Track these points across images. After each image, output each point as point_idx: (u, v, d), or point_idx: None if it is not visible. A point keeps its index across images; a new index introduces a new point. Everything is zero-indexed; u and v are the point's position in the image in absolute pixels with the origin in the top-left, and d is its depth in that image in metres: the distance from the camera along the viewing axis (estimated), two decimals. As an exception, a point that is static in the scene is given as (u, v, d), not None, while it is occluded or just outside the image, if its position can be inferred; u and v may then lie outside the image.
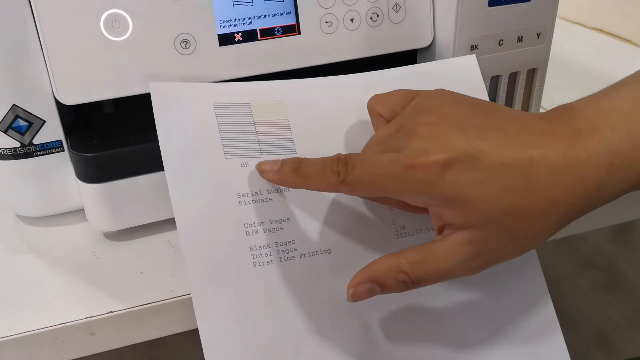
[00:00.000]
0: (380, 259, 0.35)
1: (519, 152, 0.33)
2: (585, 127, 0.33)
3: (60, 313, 0.41)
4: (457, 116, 0.35)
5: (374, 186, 0.34)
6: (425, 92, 0.39)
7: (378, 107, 0.41)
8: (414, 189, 0.33)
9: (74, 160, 0.45)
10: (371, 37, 0.49)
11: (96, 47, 0.42)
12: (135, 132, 0.46)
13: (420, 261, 0.34)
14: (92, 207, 0.46)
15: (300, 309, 0.39)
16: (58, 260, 0.45)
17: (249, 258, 0.39)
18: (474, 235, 0.33)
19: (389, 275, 0.34)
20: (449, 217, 0.34)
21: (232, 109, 0.42)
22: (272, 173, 0.38)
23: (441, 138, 0.34)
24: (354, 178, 0.34)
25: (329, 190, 0.37)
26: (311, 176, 0.36)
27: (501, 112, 0.36)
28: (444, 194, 0.33)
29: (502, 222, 0.33)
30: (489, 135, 0.34)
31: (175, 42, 0.44)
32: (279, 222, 0.40)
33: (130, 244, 0.47)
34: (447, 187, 0.33)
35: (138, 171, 0.45)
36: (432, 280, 0.35)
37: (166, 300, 0.41)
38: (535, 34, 0.51)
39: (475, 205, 0.33)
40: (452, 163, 0.33)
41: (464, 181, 0.32)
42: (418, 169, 0.33)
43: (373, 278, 0.35)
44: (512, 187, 0.32)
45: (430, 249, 0.34)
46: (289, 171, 0.37)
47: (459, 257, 0.34)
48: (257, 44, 0.46)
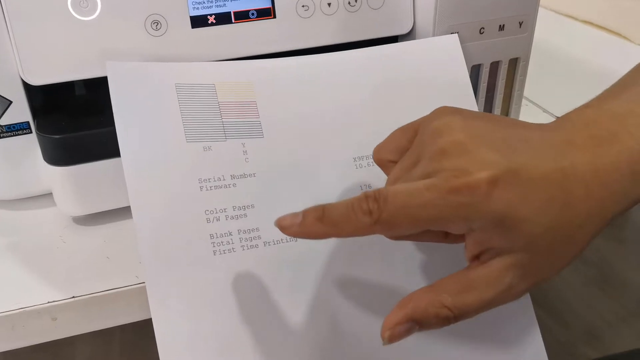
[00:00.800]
0: (417, 294, 0.32)
1: (551, 163, 0.31)
2: (604, 136, 0.32)
3: (21, 297, 0.40)
4: (479, 130, 0.32)
5: (413, 219, 0.30)
6: (425, 116, 0.35)
7: (384, 154, 0.38)
8: (460, 214, 0.30)
9: (40, 142, 0.44)
10: (349, 22, 0.48)
11: (63, 27, 0.41)
12: (105, 114, 0.45)
13: (461, 293, 0.31)
14: (60, 191, 0.45)
15: (263, 298, 0.38)
16: (23, 245, 0.45)
17: (209, 246, 0.38)
18: (518, 257, 0.31)
19: (429, 312, 0.31)
20: (496, 240, 0.31)
21: (196, 90, 0.41)
22: (295, 227, 0.32)
23: (476, 155, 0.31)
24: (390, 215, 0.30)
25: (363, 234, 0.32)
26: (340, 222, 0.31)
27: (511, 121, 0.34)
28: (493, 216, 0.30)
29: (545, 240, 0.31)
30: (519, 147, 0.31)
31: (146, 23, 0.42)
32: (243, 209, 0.39)
33: (100, 229, 0.46)
34: (496, 207, 0.30)
35: (107, 154, 0.44)
36: (476, 312, 0.32)
37: (130, 286, 0.40)
38: (517, 23, 0.50)
39: (523, 223, 0.30)
40: (497, 180, 0.30)
41: (511, 198, 0.30)
42: (462, 192, 0.30)
43: (412, 317, 0.31)
44: (552, 202, 0.30)
45: (471, 278, 0.32)
46: (314, 221, 0.32)
47: (504, 285, 0.31)
48: (230, 27, 0.45)
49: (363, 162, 0.42)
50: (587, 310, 1.46)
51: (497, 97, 0.54)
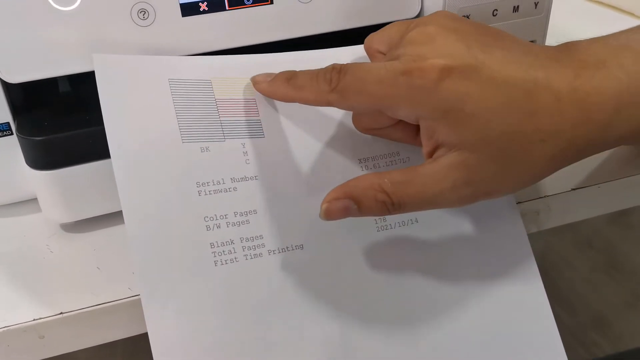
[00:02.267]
0: (361, 177, 0.33)
1: (523, 70, 0.30)
2: (592, 60, 0.31)
3: (6, 314, 0.37)
4: (459, 29, 0.32)
5: (365, 94, 0.32)
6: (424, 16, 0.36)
7: (375, 44, 0.38)
8: (408, 97, 0.31)
9: (22, 145, 0.40)
10: (352, 7, 0.44)
11: (42, 18, 0.37)
12: (92, 112, 0.41)
13: (404, 182, 0.32)
14: (46, 197, 0.42)
15: (267, 312, 0.35)
16: (7, 255, 0.41)
17: (209, 256, 0.35)
18: (465, 157, 0.31)
19: (368, 193, 0.32)
20: (442, 133, 0.31)
21: (191, 86, 0.37)
22: (265, 84, 0.36)
23: (441, 44, 0.31)
24: (345, 85, 0.32)
25: (320, 101, 0.34)
26: (304, 86, 0.34)
27: (505, 34, 0.34)
28: (440, 104, 0.30)
29: (496, 144, 0.30)
30: (493, 51, 0.31)
31: (132, 12, 0.39)
32: (245, 215, 0.36)
33: (89, 236, 0.43)
34: (444, 96, 0.30)
35: (96, 156, 0.41)
36: (415, 206, 0.32)
37: (123, 299, 0.37)
38: (532, 3, 0.47)
39: (471, 120, 0.30)
40: (451, 70, 0.30)
41: (463, 91, 0.30)
42: (413, 74, 0.30)
43: (350, 194, 0.32)
44: (512, 107, 0.30)
45: (417, 171, 0.32)
46: (282, 81, 0.35)
47: (448, 182, 0.31)
48: (224, 15, 0.41)
49: (369, 164, 0.39)
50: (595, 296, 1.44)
51: (511, 83, 0.51)
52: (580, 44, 0.33)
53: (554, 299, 0.40)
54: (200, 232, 0.35)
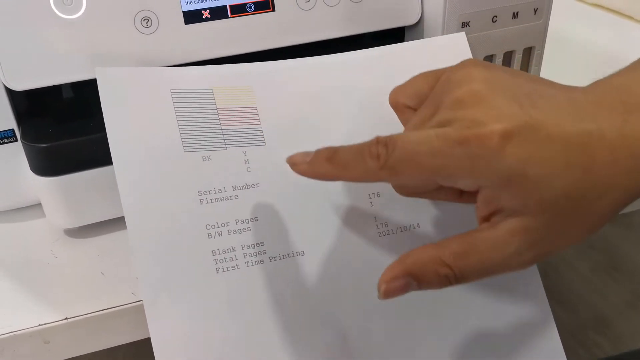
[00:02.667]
0: (419, 250, 0.31)
1: (576, 124, 0.29)
2: (635, 102, 0.29)
3: (11, 319, 0.37)
4: (503, 83, 0.30)
5: (419, 167, 0.29)
6: (451, 66, 0.33)
7: (401, 98, 0.36)
8: (468, 166, 0.28)
9: (26, 152, 0.41)
10: (353, 13, 0.45)
11: (46, 27, 0.38)
12: (96, 119, 0.42)
13: (465, 253, 0.30)
14: (50, 203, 0.42)
15: (269, 320, 0.35)
16: (12, 260, 0.42)
17: (211, 263, 0.35)
18: (528, 222, 0.29)
19: (429, 268, 0.30)
20: (506, 199, 0.29)
21: (193, 96, 0.38)
22: (305, 165, 0.33)
23: (494, 106, 0.29)
24: (396, 160, 0.29)
25: (369, 179, 0.31)
26: (348, 164, 0.31)
27: (540, 80, 0.32)
28: (503, 172, 0.28)
29: (559, 206, 0.29)
30: (542, 104, 0.29)
31: (135, 20, 0.39)
32: (246, 223, 0.36)
33: (93, 242, 0.43)
34: (507, 163, 0.28)
35: (99, 162, 0.41)
36: (478, 276, 0.30)
37: (127, 304, 0.38)
38: (532, 10, 0.47)
39: (535, 184, 0.28)
40: (511, 135, 0.28)
41: (525, 156, 0.28)
42: (472, 143, 0.28)
43: (410, 272, 0.30)
44: (572, 165, 0.28)
45: (477, 239, 0.30)
46: (324, 160, 0.32)
47: (511, 249, 0.29)
48: (227, 22, 0.42)
49: None
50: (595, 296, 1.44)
51: (511, 88, 0.51)
52: (618, 82, 0.31)
53: (554, 299, 0.40)
54: (202, 240, 0.35)
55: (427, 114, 0.32)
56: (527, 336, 0.39)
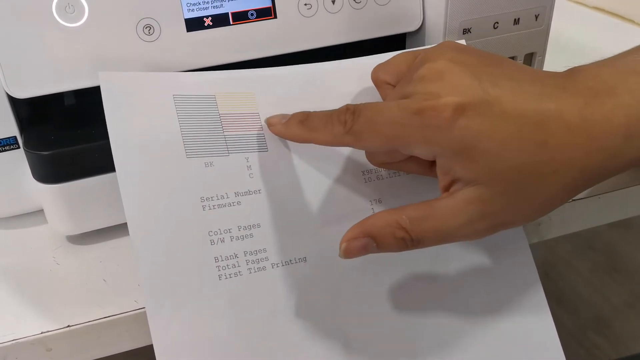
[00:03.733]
0: (378, 214, 0.33)
1: (534, 103, 0.30)
2: (600, 88, 0.31)
3: (14, 327, 0.37)
4: (467, 62, 0.32)
5: (379, 135, 0.32)
6: (430, 47, 0.36)
7: (382, 75, 0.38)
8: (422, 136, 0.31)
9: (29, 159, 0.41)
10: (355, 20, 0.45)
11: (49, 35, 0.38)
12: (98, 126, 0.42)
13: (422, 218, 0.31)
14: (52, 210, 0.42)
15: (271, 325, 0.35)
16: (14, 267, 0.42)
17: (214, 270, 0.35)
18: (481, 192, 0.31)
19: (386, 230, 0.32)
20: (458, 170, 0.31)
21: (195, 102, 0.38)
22: (280, 125, 0.37)
23: (452, 81, 0.31)
24: (360, 126, 0.32)
25: (335, 143, 0.34)
26: (318, 127, 0.34)
27: (511, 62, 0.34)
28: (455, 143, 0.30)
29: (511, 178, 0.30)
30: (503, 83, 0.31)
31: (138, 28, 0.40)
32: (248, 229, 0.36)
33: (94, 248, 0.43)
34: (459, 134, 0.30)
35: (101, 169, 0.41)
36: (433, 241, 0.32)
37: (129, 312, 0.38)
38: (533, 16, 0.48)
39: (485, 155, 0.30)
40: (464, 108, 0.30)
41: (477, 129, 0.30)
42: (427, 114, 0.30)
43: (369, 233, 0.32)
44: (525, 140, 0.30)
45: (434, 206, 0.32)
46: (296, 123, 0.35)
47: (465, 217, 0.31)
48: (228, 29, 0.42)
49: (372, 176, 0.39)
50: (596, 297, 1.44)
51: (512, 94, 0.51)
52: (589, 69, 0.33)
53: (554, 299, 0.41)
54: (204, 246, 0.35)
55: (400, 90, 0.34)
56: (526, 337, 0.39)
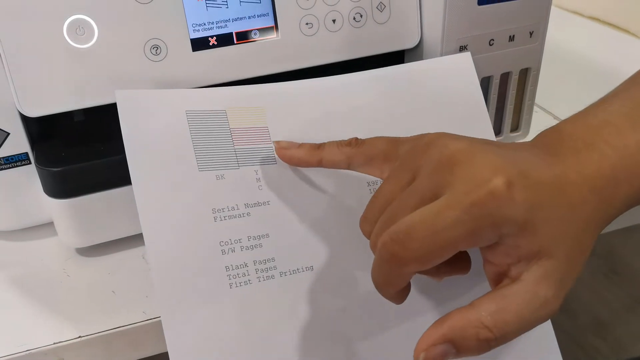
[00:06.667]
0: (454, 313, 0.30)
1: (547, 171, 0.30)
2: (580, 147, 0.32)
3: (27, 338, 0.39)
4: (474, 142, 0.31)
5: (445, 244, 0.29)
6: (412, 136, 0.35)
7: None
8: (488, 223, 0.28)
9: (40, 175, 0.42)
10: (354, 38, 0.46)
11: (60, 56, 0.39)
12: (106, 142, 0.43)
13: (500, 311, 0.29)
14: (62, 223, 0.44)
15: (279, 332, 0.37)
16: (26, 279, 0.43)
17: (225, 279, 0.36)
18: (546, 266, 0.29)
19: (469, 332, 0.29)
20: (523, 246, 0.29)
21: (207, 117, 0.39)
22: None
23: (483, 162, 0.30)
24: (416, 251, 0.29)
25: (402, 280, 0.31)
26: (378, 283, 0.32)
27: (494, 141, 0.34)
28: (520, 217, 0.29)
29: (564, 244, 0.30)
30: (514, 156, 0.31)
31: (145, 48, 0.41)
32: (258, 239, 0.38)
33: (103, 260, 0.45)
34: (521, 209, 0.29)
35: (109, 184, 0.43)
36: (515, 334, 0.29)
37: (138, 323, 0.39)
38: (527, 33, 0.49)
39: (544, 225, 0.29)
40: (512, 183, 0.29)
41: (529, 200, 0.29)
42: (485, 200, 0.28)
43: (449, 337, 0.29)
44: (560, 205, 0.30)
45: (507, 296, 0.29)
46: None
47: (539, 300, 0.29)
48: (233, 49, 0.43)
49: (377, 187, 0.40)
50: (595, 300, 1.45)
51: (508, 108, 0.52)
52: (564, 129, 0.33)
53: None
54: (216, 256, 0.37)
55: (402, 179, 0.33)
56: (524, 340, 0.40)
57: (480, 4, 0.46)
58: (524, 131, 0.55)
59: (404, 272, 0.30)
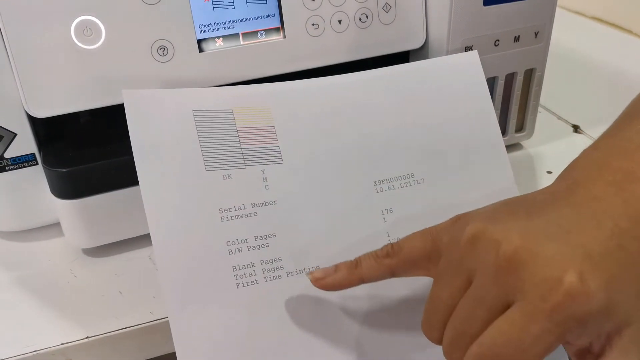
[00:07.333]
0: None
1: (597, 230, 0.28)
2: (619, 179, 0.30)
3: (35, 339, 0.39)
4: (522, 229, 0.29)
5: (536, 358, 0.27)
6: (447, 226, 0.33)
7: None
8: (574, 325, 0.27)
9: (47, 176, 0.42)
10: (360, 39, 0.46)
11: (67, 57, 0.39)
12: (112, 143, 0.43)
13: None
14: (69, 224, 0.44)
15: (286, 332, 0.37)
16: (34, 279, 0.43)
17: (232, 279, 0.37)
18: (630, 334, 0.28)
19: None
20: (609, 326, 0.28)
21: (213, 117, 0.39)
22: None
23: (547, 256, 0.27)
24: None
25: None
26: None
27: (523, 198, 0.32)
28: (601, 307, 0.27)
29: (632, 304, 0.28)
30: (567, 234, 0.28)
31: (152, 49, 0.41)
32: (265, 239, 0.38)
33: (110, 261, 0.45)
34: (600, 299, 0.27)
35: (116, 185, 0.43)
36: None
37: (146, 323, 0.39)
38: (532, 33, 0.49)
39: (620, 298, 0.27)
40: (583, 275, 0.27)
41: (604, 284, 0.27)
42: (566, 303, 0.26)
43: None
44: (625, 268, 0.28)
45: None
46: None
47: None
48: (239, 49, 0.43)
49: (384, 186, 0.41)
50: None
51: (513, 108, 0.53)
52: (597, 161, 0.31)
53: None
54: (223, 256, 0.37)
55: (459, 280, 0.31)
56: None
57: (486, 4, 0.46)
58: (529, 131, 0.55)
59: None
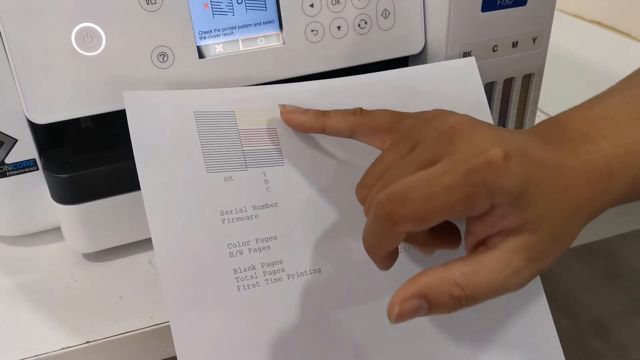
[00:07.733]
0: (428, 272, 0.31)
1: (547, 153, 0.32)
2: (578, 137, 0.33)
3: (36, 343, 0.39)
4: (474, 118, 0.33)
5: (438, 209, 0.29)
6: (415, 112, 0.36)
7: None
8: (483, 191, 0.29)
9: (48, 181, 0.43)
10: (359, 45, 0.47)
11: (68, 63, 0.40)
12: (113, 148, 0.44)
13: (474, 273, 0.30)
14: (69, 229, 0.44)
15: (288, 335, 0.37)
16: (34, 284, 0.44)
17: (233, 282, 0.37)
18: (525, 241, 0.31)
19: (442, 288, 0.30)
20: (509, 219, 0.30)
21: (215, 118, 0.39)
22: None
23: (484, 133, 0.31)
24: (412, 211, 0.29)
25: (392, 243, 0.32)
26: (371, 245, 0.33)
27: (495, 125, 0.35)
28: (514, 188, 0.30)
29: (550, 223, 0.31)
30: (512, 135, 0.32)
31: (152, 56, 0.41)
32: (265, 241, 0.38)
33: (110, 265, 0.45)
34: (516, 181, 0.30)
35: (116, 190, 0.43)
36: (486, 296, 0.31)
37: (146, 328, 0.40)
38: (531, 39, 0.49)
39: (535, 202, 0.30)
40: (510, 156, 0.30)
41: (525, 175, 0.30)
42: (482, 168, 0.29)
43: (423, 293, 0.30)
44: (554, 186, 0.31)
45: (481, 260, 0.31)
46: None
47: (512, 267, 0.31)
48: (239, 55, 0.44)
49: None
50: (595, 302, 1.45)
51: (511, 113, 0.53)
52: (562, 121, 0.35)
53: (554, 305, 0.41)
54: (224, 258, 0.37)
55: (403, 149, 0.34)
56: (528, 342, 0.40)
57: (484, 10, 0.46)
58: (527, 136, 0.55)
59: (397, 231, 0.30)
